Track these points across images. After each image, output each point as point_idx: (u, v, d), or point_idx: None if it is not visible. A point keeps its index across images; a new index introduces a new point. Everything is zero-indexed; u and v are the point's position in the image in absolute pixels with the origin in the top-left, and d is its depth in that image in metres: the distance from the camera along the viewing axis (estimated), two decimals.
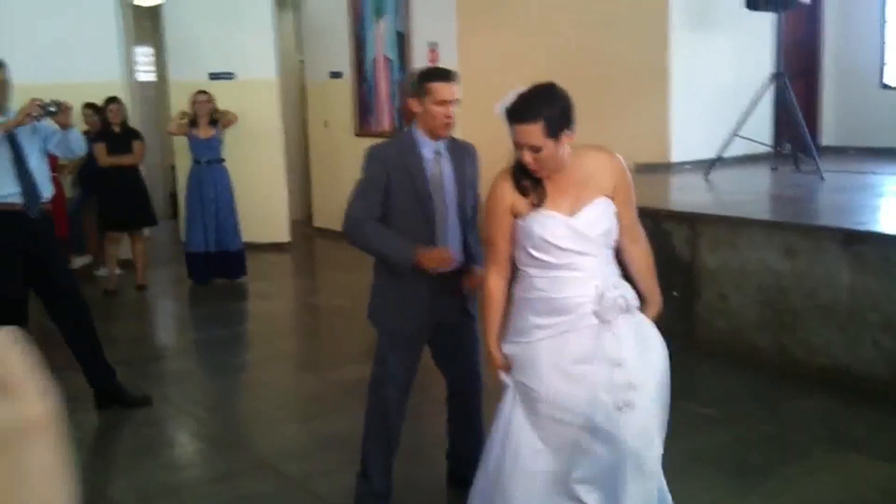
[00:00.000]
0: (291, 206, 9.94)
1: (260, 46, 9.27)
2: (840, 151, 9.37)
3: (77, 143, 4.80)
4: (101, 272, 8.15)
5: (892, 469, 3.89)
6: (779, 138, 8.42)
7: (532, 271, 2.72)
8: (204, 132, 7.81)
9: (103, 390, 4.84)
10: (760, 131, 8.14)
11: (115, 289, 7.73)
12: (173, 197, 10.38)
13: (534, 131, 2.57)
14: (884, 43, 9.63)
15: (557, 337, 2.66)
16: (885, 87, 9.67)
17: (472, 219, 3.46)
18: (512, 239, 2.76)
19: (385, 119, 9.30)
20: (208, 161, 7.80)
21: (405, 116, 8.54)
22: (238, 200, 7.97)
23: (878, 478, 3.81)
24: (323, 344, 6.54)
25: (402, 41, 8.91)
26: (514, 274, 2.83)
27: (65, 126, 4.65)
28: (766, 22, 8.43)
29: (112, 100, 7.74)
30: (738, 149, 7.67)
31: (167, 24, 9.38)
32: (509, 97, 2.65)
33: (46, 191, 4.65)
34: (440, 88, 3.25)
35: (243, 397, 5.32)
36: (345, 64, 9.74)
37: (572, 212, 2.67)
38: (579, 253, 2.66)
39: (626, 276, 2.83)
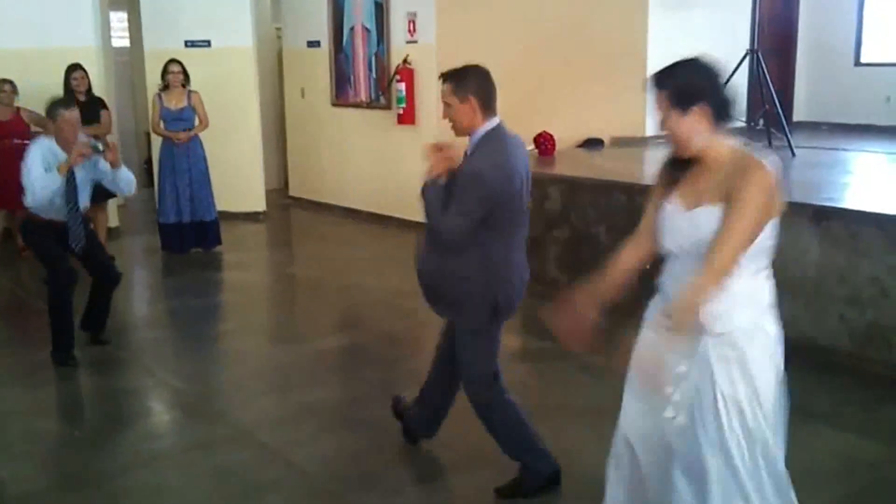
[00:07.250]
0: (267, 176, 9.89)
1: (236, 14, 9.16)
2: (813, 127, 9.48)
3: (126, 184, 5.09)
4: None
5: (856, 439, 4.00)
6: (752, 113, 8.49)
7: None
8: (176, 103, 7.68)
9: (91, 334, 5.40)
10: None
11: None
12: (148, 164, 10.28)
13: (660, 99, 2.52)
14: (861, 21, 9.72)
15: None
16: (860, 64, 9.78)
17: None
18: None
19: (362, 90, 9.26)
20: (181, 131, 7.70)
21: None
22: (213, 169, 7.89)
23: (842, 448, 3.93)
24: (298, 315, 6.56)
25: (380, 11, 8.84)
26: None
27: (114, 165, 4.95)
28: None
29: (76, 67, 7.41)
30: None
31: None
32: None
33: (84, 201, 5.04)
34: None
35: (220, 367, 5.33)
36: (323, 33, 9.66)
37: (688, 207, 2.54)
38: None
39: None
